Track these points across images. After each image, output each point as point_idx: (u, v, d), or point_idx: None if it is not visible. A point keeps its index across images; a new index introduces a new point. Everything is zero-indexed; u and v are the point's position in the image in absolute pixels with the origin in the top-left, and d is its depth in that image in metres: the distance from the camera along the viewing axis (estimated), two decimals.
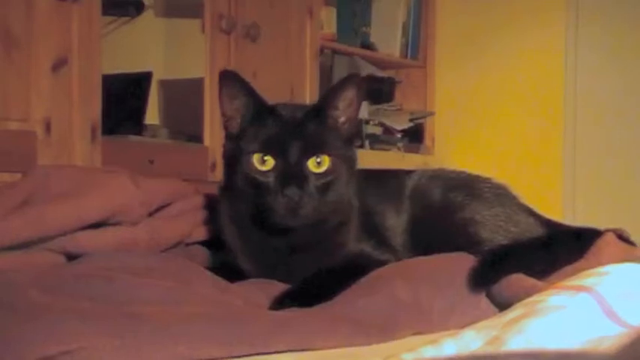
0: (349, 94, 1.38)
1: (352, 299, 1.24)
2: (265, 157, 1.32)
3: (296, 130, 1.34)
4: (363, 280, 1.31)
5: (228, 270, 1.38)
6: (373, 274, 1.34)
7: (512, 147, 3.93)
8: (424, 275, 1.33)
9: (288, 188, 1.28)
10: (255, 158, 1.32)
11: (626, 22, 3.73)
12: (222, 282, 1.30)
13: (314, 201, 1.32)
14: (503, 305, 1.26)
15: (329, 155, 1.34)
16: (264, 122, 1.35)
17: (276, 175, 1.31)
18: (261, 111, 1.36)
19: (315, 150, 1.33)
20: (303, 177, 1.31)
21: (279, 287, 1.33)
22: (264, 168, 1.32)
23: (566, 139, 3.81)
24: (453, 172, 1.65)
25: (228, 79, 1.37)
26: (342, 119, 1.40)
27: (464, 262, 1.39)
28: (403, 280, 1.29)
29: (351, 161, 1.41)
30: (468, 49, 4.09)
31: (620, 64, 3.73)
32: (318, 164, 1.33)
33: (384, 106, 3.95)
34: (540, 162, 3.86)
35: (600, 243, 1.49)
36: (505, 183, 1.65)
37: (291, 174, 1.30)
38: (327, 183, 1.34)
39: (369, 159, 3.64)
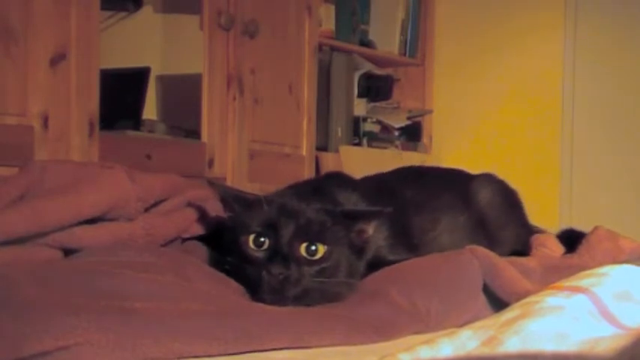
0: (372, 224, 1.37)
1: (349, 305, 1.24)
2: (261, 238, 1.30)
3: (293, 215, 1.31)
4: (359, 285, 1.31)
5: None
6: (369, 279, 1.34)
7: (510, 146, 3.93)
8: (420, 277, 1.33)
9: (273, 265, 1.25)
10: (251, 238, 1.30)
11: (623, 28, 3.73)
12: (219, 276, 1.30)
13: (301, 285, 1.27)
14: (499, 305, 1.26)
15: (324, 244, 1.30)
16: (261, 208, 1.33)
17: (267, 253, 1.29)
18: (257, 202, 1.35)
19: (309, 237, 1.29)
20: (293, 258, 1.28)
21: None
22: (258, 247, 1.30)
23: (564, 137, 3.82)
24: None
25: (214, 188, 1.46)
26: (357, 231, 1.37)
27: (459, 262, 1.39)
28: (399, 284, 1.29)
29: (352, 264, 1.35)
30: (466, 48, 4.09)
31: (617, 66, 3.74)
32: (311, 251, 1.29)
33: (382, 103, 3.95)
34: (538, 161, 3.86)
35: (592, 238, 1.48)
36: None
37: (281, 254, 1.27)
38: (320, 270, 1.29)
39: (366, 157, 3.68)
